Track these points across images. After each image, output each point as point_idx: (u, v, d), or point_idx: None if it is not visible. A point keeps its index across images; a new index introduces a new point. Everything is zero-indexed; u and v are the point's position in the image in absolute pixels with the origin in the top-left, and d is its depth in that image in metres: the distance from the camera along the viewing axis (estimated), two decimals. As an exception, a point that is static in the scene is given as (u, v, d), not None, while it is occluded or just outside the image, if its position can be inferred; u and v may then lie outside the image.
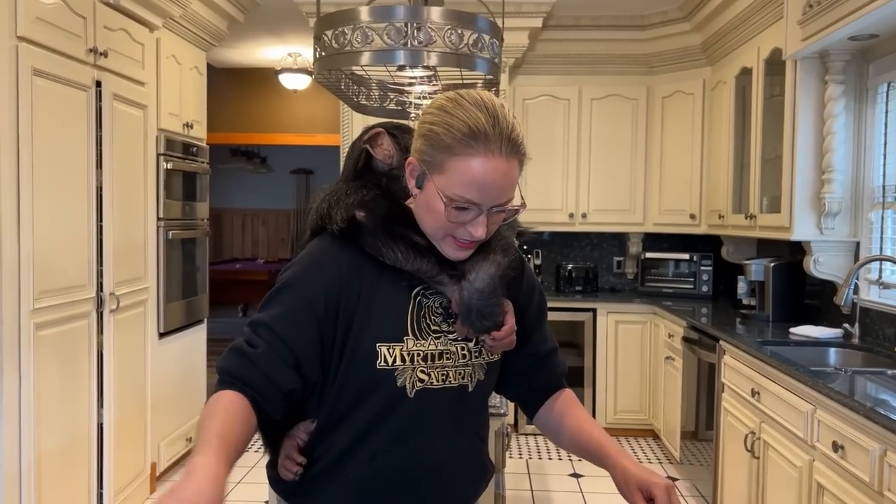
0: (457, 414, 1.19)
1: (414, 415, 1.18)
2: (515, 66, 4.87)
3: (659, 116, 4.96)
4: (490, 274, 1.21)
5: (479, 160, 1.10)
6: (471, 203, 1.12)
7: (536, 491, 3.93)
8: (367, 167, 1.30)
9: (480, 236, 1.14)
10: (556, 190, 5.05)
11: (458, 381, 1.23)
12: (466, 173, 1.10)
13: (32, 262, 2.69)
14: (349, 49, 2.25)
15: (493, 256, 1.23)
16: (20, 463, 2.67)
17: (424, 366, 1.20)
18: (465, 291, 1.20)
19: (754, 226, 3.84)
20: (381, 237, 1.20)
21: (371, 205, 1.23)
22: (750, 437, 2.91)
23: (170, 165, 3.83)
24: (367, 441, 1.19)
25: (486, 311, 1.20)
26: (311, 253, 1.24)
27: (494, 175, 1.10)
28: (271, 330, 1.15)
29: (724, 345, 3.33)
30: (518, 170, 1.15)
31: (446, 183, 1.12)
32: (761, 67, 3.79)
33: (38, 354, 2.73)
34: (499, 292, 1.22)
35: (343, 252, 1.21)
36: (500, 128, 1.10)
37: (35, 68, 2.68)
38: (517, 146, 1.13)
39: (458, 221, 1.14)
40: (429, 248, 1.21)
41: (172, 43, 3.91)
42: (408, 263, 1.20)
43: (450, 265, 1.21)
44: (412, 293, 1.22)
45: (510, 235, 1.30)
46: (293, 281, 1.20)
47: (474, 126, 1.10)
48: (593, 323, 4.83)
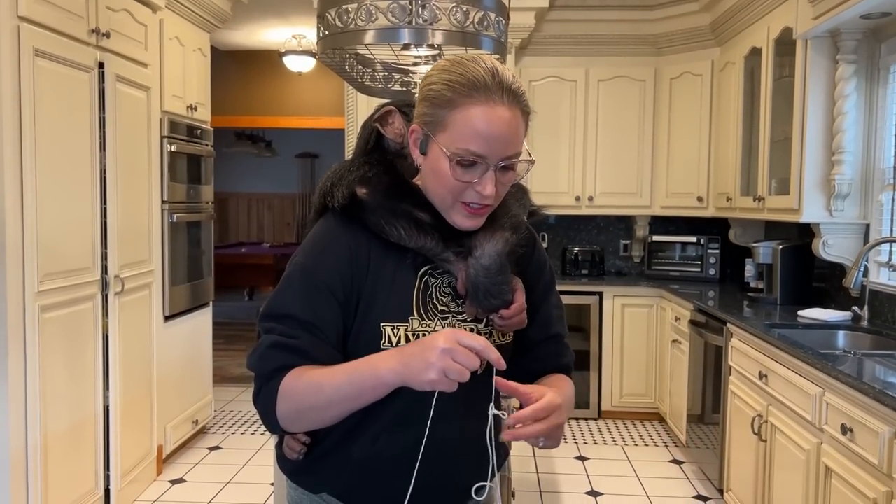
0: (465, 397, 1.17)
1: (418, 396, 1.15)
2: (521, 47, 4.82)
3: (667, 98, 4.92)
4: (497, 250, 1.18)
5: (481, 108, 1.09)
6: (476, 156, 1.10)
7: (542, 473, 3.93)
8: (377, 146, 1.28)
9: (490, 194, 1.12)
10: (562, 172, 5.02)
11: None
12: (469, 124, 1.09)
13: (37, 244, 2.68)
14: (353, 27, 2.22)
15: (501, 233, 1.20)
16: (26, 444, 2.68)
17: None
18: (471, 269, 1.17)
19: (763, 208, 3.81)
20: (384, 214, 1.17)
21: (373, 181, 1.20)
22: (757, 420, 2.89)
23: (174, 148, 3.82)
24: (371, 422, 1.18)
25: (493, 289, 1.17)
26: (319, 235, 1.22)
27: (498, 124, 1.09)
28: (300, 320, 1.14)
29: (732, 328, 3.31)
30: (523, 124, 1.14)
31: (450, 138, 1.11)
32: (771, 47, 3.73)
33: (43, 337, 2.73)
34: (507, 269, 1.19)
35: (348, 231, 1.19)
36: (499, 78, 1.11)
37: (37, 49, 2.65)
38: (519, 97, 1.12)
39: (466, 180, 1.12)
40: (433, 224, 1.19)
41: (176, 24, 3.88)
42: (411, 241, 1.17)
43: (456, 242, 1.19)
44: (419, 272, 1.20)
45: (520, 213, 1.27)
46: (309, 268, 1.18)
47: (474, 77, 1.10)
48: (599, 307, 4.81)
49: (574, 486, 3.77)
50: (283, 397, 1.11)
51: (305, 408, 1.10)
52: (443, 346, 0.97)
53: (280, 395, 1.11)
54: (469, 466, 1.20)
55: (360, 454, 1.18)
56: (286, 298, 1.16)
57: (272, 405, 1.11)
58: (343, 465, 1.20)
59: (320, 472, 1.23)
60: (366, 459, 1.18)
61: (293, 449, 1.23)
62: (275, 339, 1.13)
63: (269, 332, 1.15)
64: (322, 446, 1.22)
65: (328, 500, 1.25)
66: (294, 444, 1.23)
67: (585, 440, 4.47)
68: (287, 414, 1.11)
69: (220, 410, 4.92)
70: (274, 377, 1.12)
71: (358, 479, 1.19)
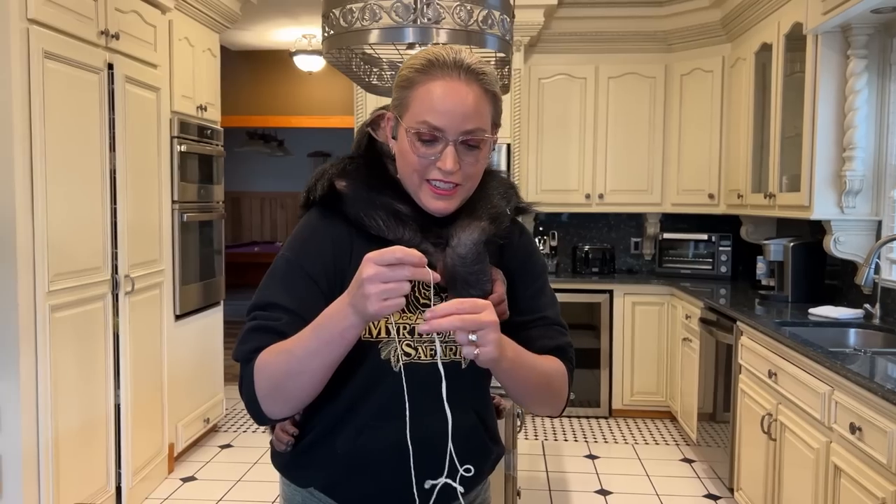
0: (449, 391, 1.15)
1: (400, 390, 1.15)
2: (531, 45, 4.81)
3: (677, 95, 4.89)
4: (473, 239, 1.18)
5: (437, 83, 1.13)
6: (434, 130, 1.13)
7: (552, 472, 3.93)
8: (368, 150, 1.28)
9: (451, 169, 1.13)
10: (572, 170, 5.00)
11: (449, 356, 1.20)
12: (426, 98, 1.13)
13: (47, 244, 2.70)
14: (357, 27, 2.23)
15: (478, 223, 1.20)
16: (38, 442, 2.71)
17: (410, 339, 1.18)
18: (448, 258, 1.17)
19: (773, 205, 3.78)
20: (363, 206, 1.19)
21: (353, 174, 1.23)
22: (766, 418, 2.87)
23: (184, 148, 3.84)
24: (355, 415, 1.18)
25: (471, 278, 1.17)
26: (302, 229, 1.24)
27: (454, 97, 1.12)
28: (284, 307, 1.15)
29: (741, 325, 3.29)
30: (487, 104, 1.16)
31: (411, 116, 1.15)
32: (781, 43, 3.70)
33: (53, 336, 2.75)
34: (484, 259, 1.18)
35: (329, 223, 1.21)
36: (458, 58, 1.15)
37: (46, 51, 2.68)
38: (478, 75, 1.15)
39: (426, 155, 1.14)
40: (412, 216, 1.20)
41: (185, 25, 3.90)
42: (390, 232, 1.18)
43: (435, 234, 1.19)
44: None
45: (502, 205, 1.26)
46: (292, 260, 1.20)
47: (433, 57, 1.15)
48: (610, 304, 4.79)
49: (584, 484, 3.76)
50: (258, 374, 1.11)
51: (280, 377, 1.09)
52: (365, 275, 0.97)
53: (256, 372, 1.11)
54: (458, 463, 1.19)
55: (345, 448, 1.19)
56: (270, 289, 1.18)
57: (253, 387, 1.11)
58: (328, 460, 1.21)
59: (307, 467, 1.24)
60: (350, 454, 1.19)
61: (281, 440, 1.25)
62: (255, 323, 1.15)
63: (254, 318, 1.16)
64: (308, 439, 1.23)
65: (316, 494, 1.25)
66: (282, 436, 1.25)
67: (596, 439, 4.46)
68: (267, 392, 1.10)
69: (231, 409, 4.95)
70: (251, 359, 1.12)
71: (343, 473, 1.20)
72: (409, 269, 0.97)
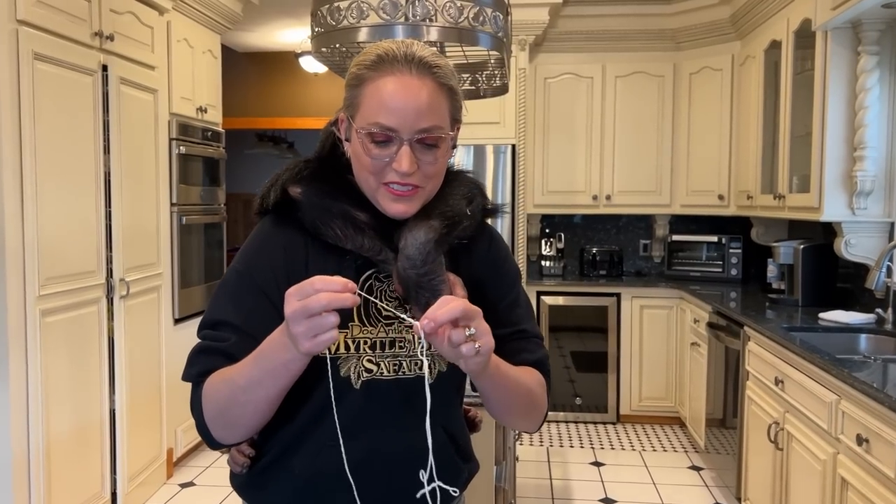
0: (413, 407, 1.10)
1: (361, 407, 1.09)
2: (536, 44, 4.73)
3: (686, 94, 4.79)
4: (419, 239, 1.10)
5: (387, 79, 1.06)
6: (387, 130, 1.06)
7: (556, 480, 3.85)
8: (332, 152, 1.21)
9: (407, 170, 1.06)
10: (579, 171, 4.92)
11: (413, 371, 1.13)
12: (375, 96, 1.07)
13: (38, 248, 2.67)
14: (345, 25, 2.17)
15: (426, 222, 1.12)
16: (28, 448, 2.67)
17: (372, 354, 1.12)
18: (399, 262, 1.10)
19: (783, 206, 3.68)
20: (318, 213, 1.12)
21: (308, 179, 1.15)
22: (773, 427, 2.78)
23: (183, 150, 3.80)
24: (313, 434, 1.12)
25: (423, 281, 1.09)
26: (254, 238, 1.17)
27: (405, 93, 1.06)
28: (232, 324, 1.09)
29: (749, 331, 3.19)
30: (444, 99, 1.09)
31: (362, 117, 1.08)
32: (791, 40, 3.61)
33: (45, 341, 2.72)
34: (434, 260, 1.10)
35: (283, 232, 1.14)
36: (410, 52, 1.08)
37: (36, 52, 2.65)
38: (430, 69, 1.08)
39: (381, 157, 1.07)
40: (371, 223, 1.13)
41: (184, 26, 3.87)
42: (348, 241, 1.11)
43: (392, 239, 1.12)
44: (361, 276, 1.13)
45: (459, 204, 1.18)
46: (242, 271, 1.13)
47: (382, 53, 1.08)
48: (618, 308, 4.70)
49: (588, 492, 3.68)
50: (205, 401, 1.06)
51: (225, 406, 1.04)
52: (287, 313, 0.91)
53: (203, 399, 1.07)
54: (417, 480, 1.12)
55: (302, 469, 1.12)
56: (219, 306, 1.12)
57: (201, 413, 1.07)
58: (286, 481, 1.14)
59: (264, 488, 1.17)
60: (308, 475, 1.12)
61: (237, 462, 1.19)
62: (202, 344, 1.10)
63: (202, 337, 1.11)
64: (265, 460, 1.17)
65: None
66: (238, 457, 1.19)
67: (602, 445, 4.37)
68: (213, 418, 1.06)
69: (235, 412, 4.90)
70: (199, 382, 1.08)
71: (301, 495, 1.13)
72: (327, 297, 0.89)
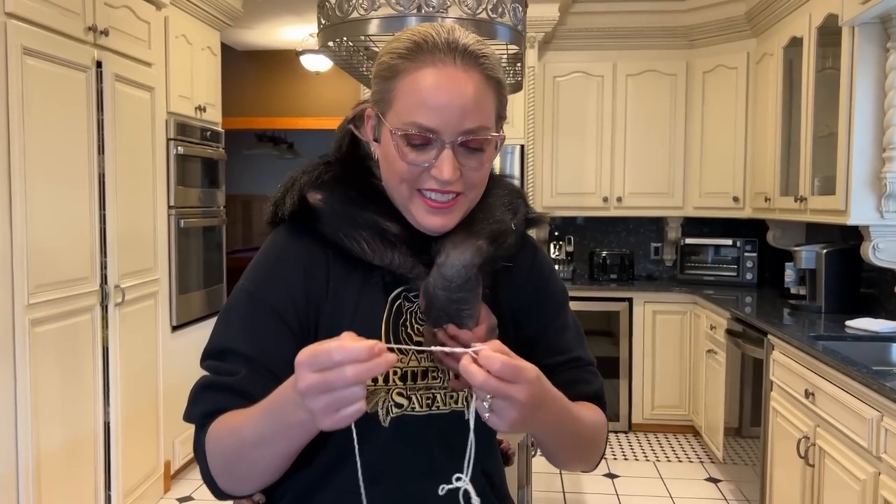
0: (449, 448, 0.95)
1: (390, 448, 0.95)
2: (545, 42, 4.60)
3: (699, 93, 4.66)
4: (463, 261, 0.94)
5: (427, 71, 0.91)
6: (427, 132, 0.90)
7: (568, 493, 3.70)
8: (351, 152, 1.06)
9: (449, 178, 0.91)
10: (589, 172, 4.78)
11: (449, 406, 0.99)
12: (414, 91, 0.91)
13: (27, 254, 2.52)
14: (354, 17, 2.03)
15: (473, 241, 0.96)
16: (17, 465, 2.53)
17: (403, 387, 0.97)
18: (430, 277, 0.95)
19: (805, 209, 3.54)
20: (342, 224, 0.97)
21: (330, 185, 1.00)
22: (803, 442, 2.64)
23: (181, 150, 3.66)
24: (333, 479, 0.97)
25: (450, 308, 0.94)
26: (267, 252, 1.02)
27: (449, 88, 0.90)
28: (242, 354, 0.94)
29: (773, 339, 3.05)
30: (491, 94, 0.94)
31: (396, 114, 0.92)
32: (813, 36, 3.47)
33: (34, 352, 2.57)
34: (474, 287, 0.95)
35: (300, 245, 0.99)
36: (452, 39, 0.92)
37: (26, 47, 2.50)
38: (477, 59, 0.92)
39: (418, 163, 0.92)
40: (402, 236, 0.98)
41: (182, 22, 3.72)
42: (375, 256, 0.96)
43: (429, 255, 0.97)
44: (390, 295, 0.99)
45: (506, 219, 1.03)
46: (253, 292, 0.98)
47: (420, 39, 0.92)
48: (629, 313, 4.56)
49: (602, 506, 3.54)
50: (210, 450, 0.91)
51: (233, 460, 0.89)
52: (301, 388, 0.74)
53: (207, 448, 0.91)
54: None
55: None
56: (226, 331, 0.97)
57: (205, 461, 0.91)
58: None
59: None
60: None
61: None
62: (207, 378, 0.94)
63: (208, 369, 0.96)
64: None
65: None
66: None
67: (615, 455, 4.23)
68: (219, 470, 0.91)
69: (234, 421, 4.76)
70: (204, 424, 0.92)
71: None
72: (354, 370, 0.72)
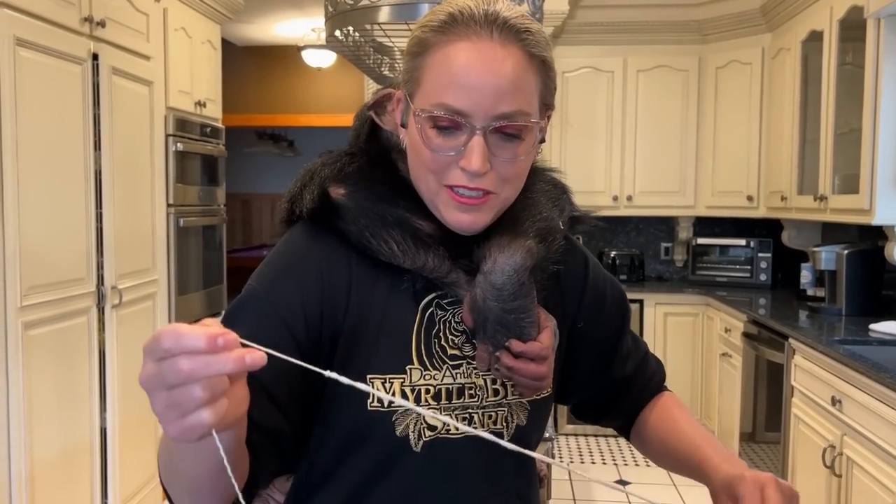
0: (487, 472, 0.86)
1: (422, 475, 0.85)
2: (554, 36, 4.49)
3: (712, 89, 4.54)
4: (514, 265, 0.83)
5: (460, 45, 0.80)
6: (455, 114, 0.79)
7: (579, 500, 3.60)
8: (371, 141, 0.96)
9: (478, 169, 0.80)
10: (598, 170, 4.68)
11: (486, 426, 0.89)
12: (444, 68, 0.80)
13: (19, 254, 2.41)
14: (364, 4, 1.92)
15: (522, 241, 0.86)
16: (10, 473, 2.42)
17: (436, 406, 0.87)
18: (478, 288, 0.84)
19: (825, 208, 3.43)
20: (369, 222, 0.86)
21: (354, 177, 0.89)
22: (829, 451, 2.53)
23: (180, 147, 3.55)
24: None
25: (508, 319, 0.83)
26: (281, 253, 0.91)
27: (483, 65, 0.78)
28: None
29: (795, 343, 2.95)
30: (530, 71, 0.83)
31: (424, 95, 0.82)
32: (835, 30, 3.36)
33: (27, 356, 2.46)
34: (529, 293, 0.85)
35: (320, 247, 0.88)
36: (492, 11, 0.80)
37: (18, 37, 2.39)
38: (518, 32, 0.81)
39: (445, 150, 0.81)
40: (437, 236, 0.87)
41: (182, 14, 3.61)
42: (407, 259, 0.85)
43: (469, 259, 0.86)
44: (420, 303, 0.88)
45: (554, 216, 0.93)
46: (260, 293, 0.86)
47: (456, 11, 0.81)
48: (640, 315, 4.45)
49: (615, 514, 3.44)
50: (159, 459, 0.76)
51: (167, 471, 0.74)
52: (140, 380, 0.58)
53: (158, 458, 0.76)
54: None
55: None
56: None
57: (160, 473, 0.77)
58: None
59: None
60: None
61: None
62: None
63: None
64: None
65: None
66: None
67: (626, 461, 4.13)
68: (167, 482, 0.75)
69: (235, 424, 4.65)
70: None
71: None
72: (188, 363, 0.56)
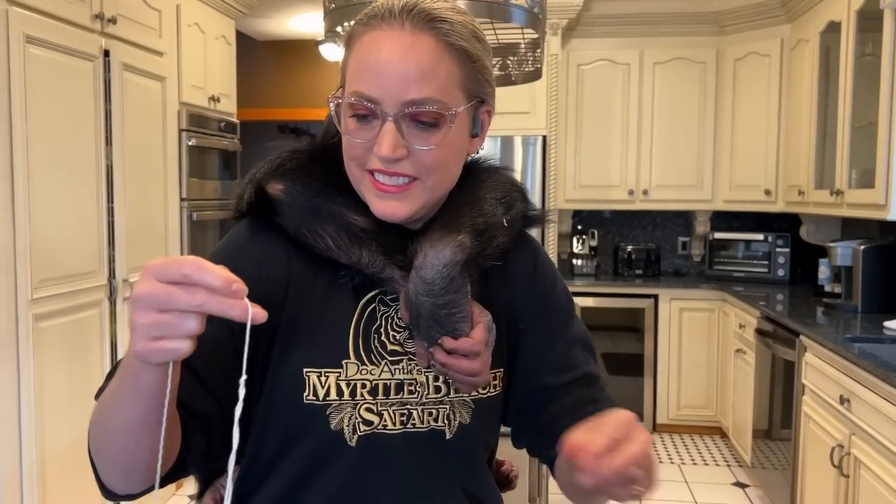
0: (428, 470, 0.86)
1: (359, 469, 0.85)
2: (569, 29, 4.45)
3: (730, 81, 4.48)
4: (443, 259, 0.84)
5: (374, 34, 0.83)
6: (367, 101, 0.82)
7: (589, 496, 3.58)
8: (333, 142, 0.96)
9: (386, 155, 0.82)
10: (614, 164, 4.63)
11: (427, 423, 0.89)
12: (358, 57, 0.84)
13: (30, 248, 2.46)
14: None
15: (453, 236, 0.86)
16: (21, 464, 2.47)
17: (373, 402, 0.87)
18: (411, 284, 0.85)
19: (841, 203, 3.37)
20: (304, 218, 0.87)
21: (293, 174, 0.90)
22: (837, 450, 2.49)
23: (193, 142, 3.58)
24: (296, 502, 0.88)
25: (439, 314, 0.84)
26: (222, 246, 0.93)
27: (390, 52, 0.81)
28: None
29: (806, 341, 2.90)
30: (445, 59, 0.83)
31: (347, 85, 0.86)
32: (853, 21, 3.29)
33: (38, 348, 2.51)
34: (460, 288, 0.85)
35: (261, 242, 0.90)
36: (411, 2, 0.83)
37: (28, 35, 2.43)
38: (431, 20, 0.83)
39: (361, 138, 0.84)
40: (372, 231, 0.88)
41: (195, 10, 3.64)
42: (342, 254, 0.86)
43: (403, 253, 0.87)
44: (361, 299, 0.89)
45: (495, 212, 0.92)
46: None
47: (381, 4, 0.85)
48: (655, 310, 4.41)
49: (625, 511, 3.41)
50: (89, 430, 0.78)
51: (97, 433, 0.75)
52: (135, 293, 0.61)
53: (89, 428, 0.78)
54: None
55: None
56: None
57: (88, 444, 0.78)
58: None
59: None
60: None
61: None
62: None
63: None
64: None
65: None
66: None
67: (638, 457, 4.09)
68: (95, 449, 0.77)
69: (251, 416, 4.71)
70: None
71: None
72: (204, 295, 0.60)
